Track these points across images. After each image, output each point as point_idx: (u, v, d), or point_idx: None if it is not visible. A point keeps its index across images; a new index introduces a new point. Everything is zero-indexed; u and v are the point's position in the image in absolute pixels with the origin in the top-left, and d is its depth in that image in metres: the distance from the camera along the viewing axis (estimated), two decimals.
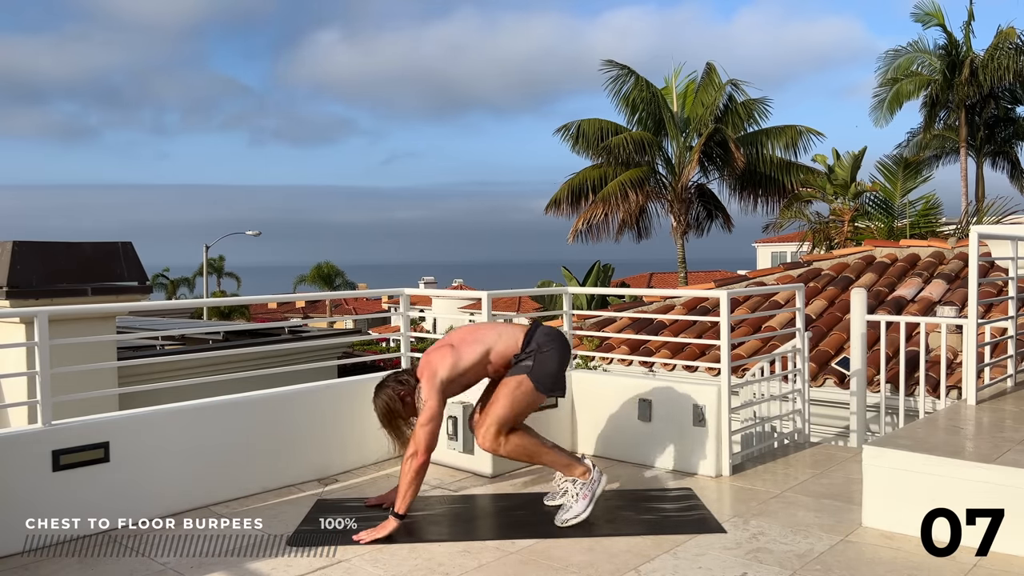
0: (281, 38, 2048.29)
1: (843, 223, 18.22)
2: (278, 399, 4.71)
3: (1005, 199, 15.77)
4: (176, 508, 4.18)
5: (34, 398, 3.89)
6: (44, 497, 3.78)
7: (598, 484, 4.00)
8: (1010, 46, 22.19)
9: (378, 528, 3.78)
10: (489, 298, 5.16)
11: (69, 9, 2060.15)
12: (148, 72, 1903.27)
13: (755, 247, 43.40)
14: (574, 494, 3.97)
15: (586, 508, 3.93)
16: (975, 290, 4.97)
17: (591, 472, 4.01)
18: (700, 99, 22.05)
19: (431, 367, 3.94)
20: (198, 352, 7.74)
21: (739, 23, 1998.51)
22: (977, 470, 3.64)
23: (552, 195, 22.93)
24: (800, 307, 5.46)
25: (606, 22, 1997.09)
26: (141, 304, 6.70)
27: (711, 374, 8.01)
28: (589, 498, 3.95)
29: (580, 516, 3.91)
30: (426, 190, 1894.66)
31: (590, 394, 5.32)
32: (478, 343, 4.01)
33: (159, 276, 55.59)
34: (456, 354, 3.97)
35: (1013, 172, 26.10)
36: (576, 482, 3.98)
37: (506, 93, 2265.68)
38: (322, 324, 23.92)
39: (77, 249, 7.14)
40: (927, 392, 6.47)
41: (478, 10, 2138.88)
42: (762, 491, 4.47)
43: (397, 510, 3.80)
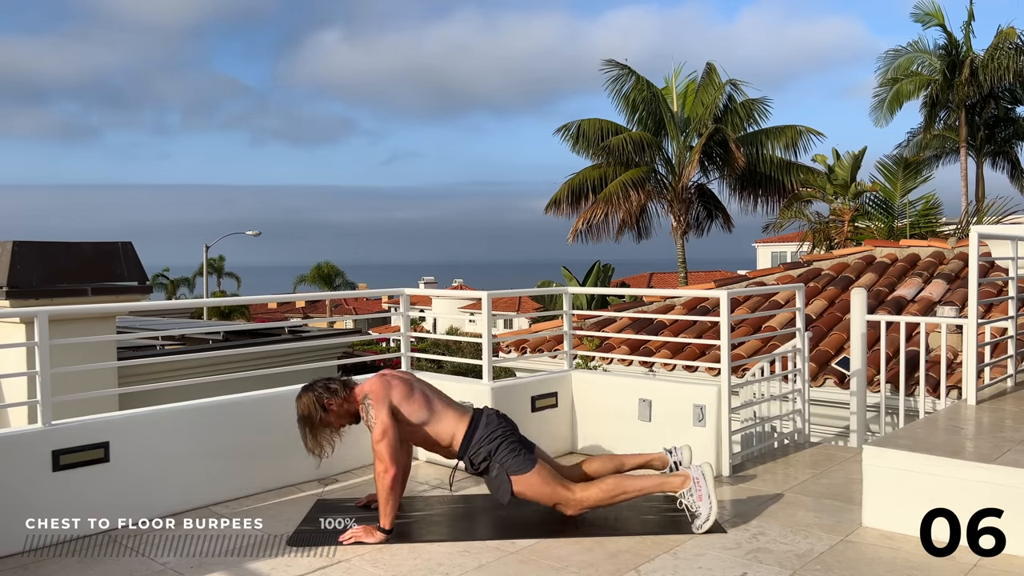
0: (282, 38, 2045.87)
1: (843, 223, 18.22)
2: (278, 399, 4.71)
3: (1005, 199, 15.79)
4: (176, 508, 4.18)
5: (34, 398, 3.90)
6: (44, 497, 3.78)
7: (704, 481, 3.87)
8: (1010, 46, 22.19)
9: (365, 534, 3.76)
10: (489, 298, 5.16)
11: (70, 9, 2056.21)
12: (149, 72, 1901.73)
13: (755, 247, 43.41)
14: (691, 503, 3.88)
15: (710, 507, 3.82)
16: (975, 290, 4.97)
17: (689, 479, 3.90)
18: (700, 99, 22.05)
19: (378, 389, 3.93)
20: (198, 352, 7.74)
21: (741, 23, 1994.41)
22: (977, 470, 3.64)
23: (552, 195, 22.94)
24: (800, 307, 5.46)
25: (608, 22, 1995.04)
26: (141, 304, 6.70)
27: (711, 374, 8.01)
28: (705, 497, 3.84)
29: (711, 516, 3.81)
30: (426, 190, 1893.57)
31: (590, 394, 5.32)
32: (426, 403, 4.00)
33: (159, 276, 55.59)
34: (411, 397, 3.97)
35: (1013, 172, 26.10)
36: (684, 494, 3.91)
37: (507, 93, 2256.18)
38: (322, 324, 23.92)
39: (77, 249, 7.14)
40: (927, 392, 6.47)
41: (479, 10, 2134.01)
42: (762, 491, 4.47)
43: (382, 526, 3.78)
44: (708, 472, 3.92)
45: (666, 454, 4.19)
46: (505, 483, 3.89)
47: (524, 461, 3.92)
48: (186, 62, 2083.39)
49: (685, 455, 4.16)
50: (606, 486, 3.93)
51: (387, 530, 3.77)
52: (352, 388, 4.02)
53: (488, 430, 3.97)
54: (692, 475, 3.93)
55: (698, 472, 3.93)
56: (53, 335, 3.94)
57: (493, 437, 3.95)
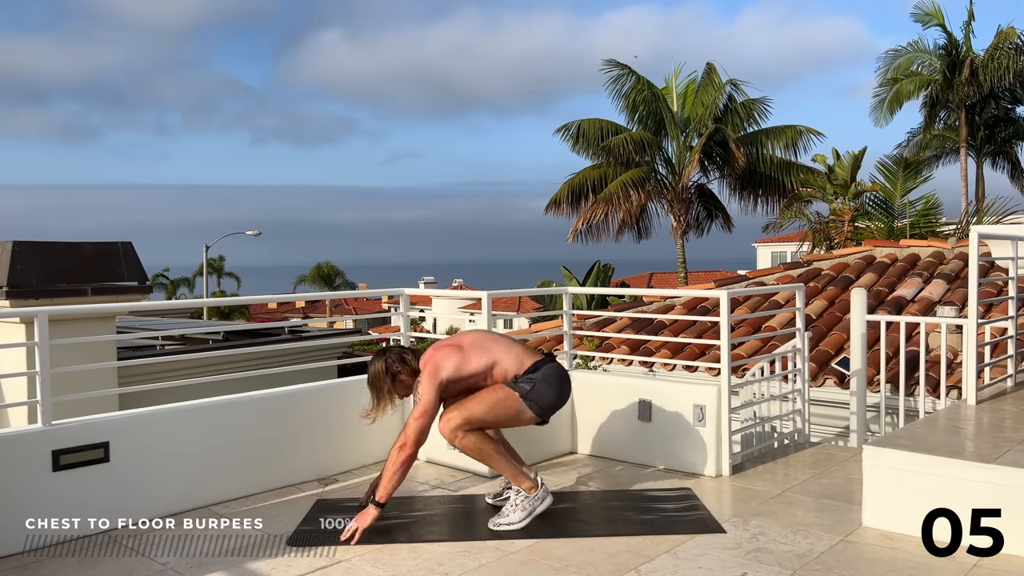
0: (284, 38, 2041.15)
1: (843, 223, 18.22)
2: (278, 399, 4.71)
3: (1005, 199, 15.79)
4: (176, 508, 4.18)
5: (34, 398, 3.90)
6: (44, 497, 3.78)
7: (540, 503, 3.99)
8: (1010, 46, 22.19)
9: (358, 518, 3.79)
10: (489, 298, 5.16)
11: (71, 8, 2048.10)
12: (150, 72, 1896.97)
13: (755, 247, 43.41)
14: (515, 503, 3.98)
15: (522, 520, 3.93)
16: (975, 290, 4.97)
17: (537, 489, 4.01)
18: (700, 99, 22.06)
19: (435, 363, 3.95)
20: (198, 352, 7.74)
21: (742, 23, 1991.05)
22: (977, 470, 3.64)
23: (552, 195, 22.94)
24: (800, 307, 5.46)
25: (609, 22, 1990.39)
26: (141, 304, 6.69)
27: (711, 374, 8.01)
28: (528, 512, 3.95)
29: (513, 526, 3.91)
30: (426, 190, 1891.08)
31: (590, 394, 5.32)
32: (486, 353, 4.00)
33: (159, 276, 55.60)
34: (462, 357, 3.97)
35: (1013, 172, 26.10)
36: (520, 493, 3.99)
37: (508, 93, 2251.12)
38: (322, 324, 23.92)
39: (77, 249, 7.14)
40: (927, 392, 6.47)
41: (481, 10, 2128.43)
42: (762, 491, 4.47)
43: (378, 498, 3.81)
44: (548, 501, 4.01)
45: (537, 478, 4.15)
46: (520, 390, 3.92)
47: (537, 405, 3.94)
48: (187, 62, 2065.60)
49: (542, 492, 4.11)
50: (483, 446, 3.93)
51: (382, 504, 3.80)
52: (419, 357, 4.04)
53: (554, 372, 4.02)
54: (539, 491, 4.00)
55: (544, 493, 4.02)
56: (53, 335, 3.94)
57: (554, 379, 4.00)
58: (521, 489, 3.99)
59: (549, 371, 4.01)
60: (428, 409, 3.85)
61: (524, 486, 4.00)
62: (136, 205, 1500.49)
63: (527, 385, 3.94)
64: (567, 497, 4.40)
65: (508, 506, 4.00)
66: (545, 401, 3.96)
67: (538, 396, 3.94)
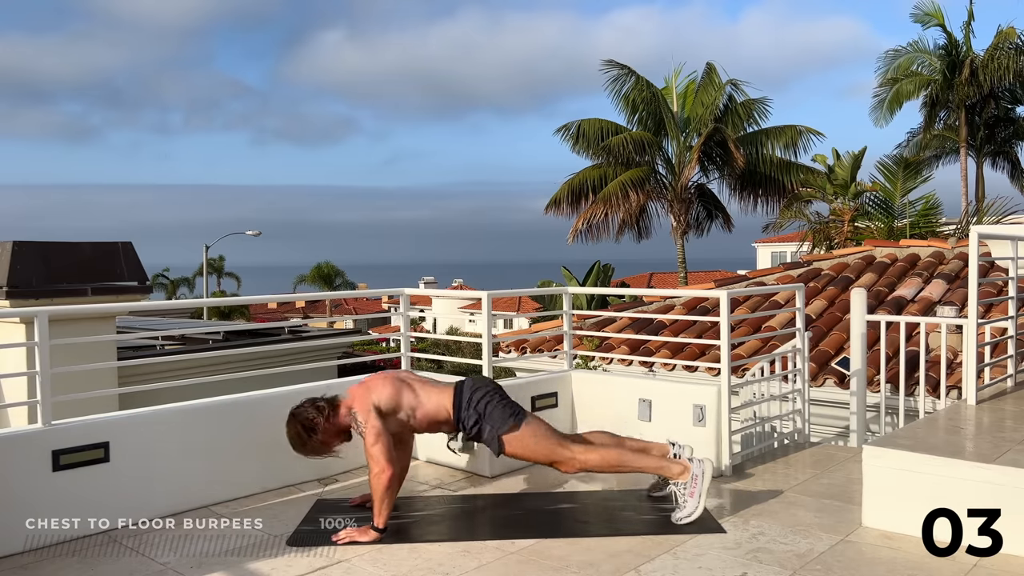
0: (286, 38, 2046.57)
1: (843, 223, 18.23)
2: (278, 399, 4.70)
3: (1005, 199, 15.78)
4: (176, 508, 4.18)
5: (34, 398, 3.89)
6: (44, 497, 3.78)
7: (702, 479, 3.89)
8: (1010, 46, 22.20)
9: (359, 533, 3.77)
10: (489, 298, 5.16)
11: (74, 8, 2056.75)
12: (152, 72, 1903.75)
13: (755, 247, 43.42)
14: (682, 493, 3.91)
15: (698, 504, 3.85)
16: (975, 290, 4.97)
17: (690, 470, 3.92)
18: (700, 99, 22.07)
19: (362, 395, 3.94)
20: (198, 352, 7.74)
21: (746, 23, 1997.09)
22: (977, 470, 3.64)
23: (552, 195, 22.94)
24: (800, 307, 5.46)
25: (612, 21, 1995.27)
26: (141, 304, 6.70)
27: (711, 374, 8.01)
28: (697, 492, 3.87)
29: (693, 514, 3.84)
30: (427, 190, 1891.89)
31: (590, 394, 5.32)
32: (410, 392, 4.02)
33: (159, 276, 55.60)
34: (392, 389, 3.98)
35: (1013, 172, 26.10)
36: (678, 484, 3.93)
37: (510, 93, 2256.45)
38: (322, 324, 23.91)
39: (77, 249, 7.14)
40: (927, 392, 6.47)
41: (483, 10, 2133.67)
42: (762, 491, 4.47)
43: (376, 524, 3.78)
44: (708, 471, 3.93)
45: (668, 445, 4.18)
46: (494, 443, 3.92)
47: (513, 416, 3.94)
48: (189, 62, 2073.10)
49: (686, 452, 4.16)
50: (609, 454, 3.94)
51: (381, 529, 3.77)
52: (337, 405, 4.01)
53: (470, 392, 4.01)
54: (692, 470, 3.94)
55: (699, 468, 3.93)
56: (53, 335, 3.94)
57: (478, 399, 3.98)
58: (675, 479, 3.94)
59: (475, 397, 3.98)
60: (378, 432, 3.82)
61: (673, 473, 3.94)
62: (136, 205, 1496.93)
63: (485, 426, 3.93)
64: (567, 497, 4.40)
65: (679, 498, 3.92)
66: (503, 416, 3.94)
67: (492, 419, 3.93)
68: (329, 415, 3.97)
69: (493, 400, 4.00)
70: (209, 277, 39.83)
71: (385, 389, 3.98)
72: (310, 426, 3.95)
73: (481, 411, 3.96)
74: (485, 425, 3.94)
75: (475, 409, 3.97)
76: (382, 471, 3.77)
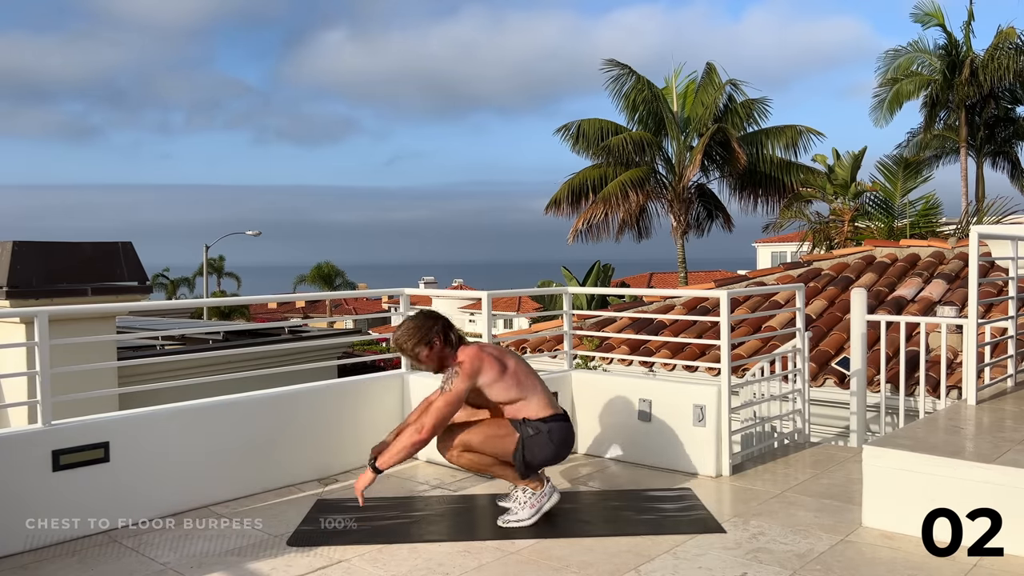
0: (288, 38, 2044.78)
1: (843, 223, 18.22)
2: (278, 399, 4.71)
3: (1005, 199, 15.78)
4: (176, 508, 4.18)
5: (34, 398, 3.90)
6: (44, 497, 3.78)
7: (547, 499, 4.01)
8: (1010, 46, 22.19)
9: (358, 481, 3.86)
10: (489, 298, 5.16)
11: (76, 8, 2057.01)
12: (154, 72, 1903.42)
13: (755, 247, 43.40)
14: (522, 501, 3.99)
15: (531, 517, 3.96)
16: (975, 290, 4.97)
17: (543, 486, 4.02)
18: (700, 99, 22.06)
19: (477, 363, 3.89)
20: (198, 352, 7.74)
21: (749, 22, 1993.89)
22: (977, 470, 3.64)
23: (552, 195, 22.93)
24: (800, 307, 5.46)
25: (614, 21, 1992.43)
26: (141, 304, 6.70)
27: (711, 374, 8.01)
28: (536, 508, 3.97)
29: (523, 523, 3.93)
30: (427, 190, 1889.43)
31: (590, 394, 5.32)
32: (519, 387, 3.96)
33: (159, 276, 55.60)
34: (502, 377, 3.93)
35: (1013, 172, 26.10)
36: (527, 491, 4.00)
37: (511, 93, 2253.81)
38: (322, 324, 23.91)
39: (77, 249, 7.14)
40: (927, 392, 6.47)
41: (485, 9, 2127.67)
42: (762, 491, 4.47)
43: (379, 464, 3.81)
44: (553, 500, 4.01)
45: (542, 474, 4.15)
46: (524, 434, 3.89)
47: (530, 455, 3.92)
48: (191, 62, 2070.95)
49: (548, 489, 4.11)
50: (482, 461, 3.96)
51: (380, 470, 3.82)
52: (458, 348, 3.98)
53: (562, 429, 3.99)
54: (546, 487, 4.01)
55: (550, 490, 4.03)
56: (53, 335, 3.94)
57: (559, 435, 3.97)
58: (528, 487, 4.00)
59: (556, 429, 3.97)
60: (454, 401, 3.83)
61: (531, 485, 4.00)
62: (137, 205, 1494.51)
63: (531, 430, 3.91)
64: (567, 497, 4.39)
65: (516, 504, 4.00)
66: (534, 456, 3.93)
67: (533, 447, 3.91)
68: (445, 348, 3.94)
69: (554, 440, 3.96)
70: (209, 277, 39.83)
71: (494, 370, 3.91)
72: (427, 340, 3.91)
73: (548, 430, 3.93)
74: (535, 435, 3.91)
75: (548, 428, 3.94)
76: (422, 431, 3.78)
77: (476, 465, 4.00)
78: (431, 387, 5.23)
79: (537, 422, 3.93)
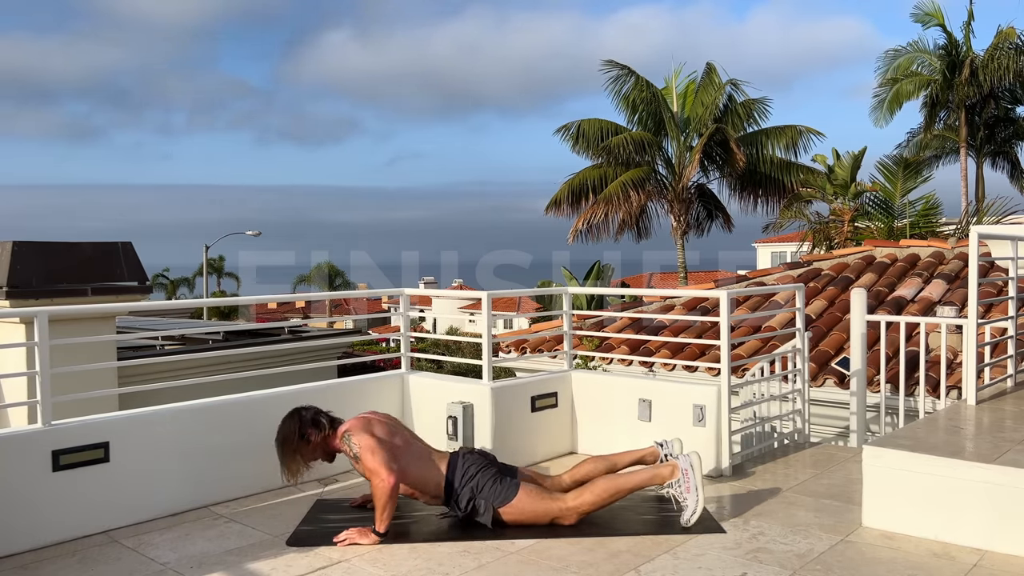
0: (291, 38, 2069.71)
1: (843, 223, 18.22)
2: (278, 399, 4.71)
3: (1005, 199, 15.78)
4: (176, 508, 4.18)
5: (34, 398, 3.90)
6: (44, 497, 3.78)
7: (691, 472, 3.89)
8: (1010, 46, 22.19)
9: (359, 535, 3.75)
10: (489, 298, 5.16)
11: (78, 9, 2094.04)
12: (157, 73, 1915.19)
13: (755, 247, 43.39)
14: (680, 493, 3.91)
15: (697, 497, 3.85)
16: (975, 290, 4.97)
17: (677, 469, 3.92)
18: (700, 99, 22.05)
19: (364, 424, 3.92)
20: (198, 352, 7.74)
21: (753, 22, 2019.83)
22: (977, 470, 3.64)
23: (552, 195, 22.93)
24: (800, 307, 5.46)
25: (619, 20, 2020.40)
26: (141, 304, 6.69)
27: (711, 374, 8.01)
28: (692, 486, 3.87)
29: (698, 508, 3.84)
30: (428, 190, 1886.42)
31: (590, 394, 5.32)
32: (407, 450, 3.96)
33: (159, 276, 55.55)
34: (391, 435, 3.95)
35: (1013, 172, 26.09)
36: (672, 484, 3.94)
37: (514, 93, 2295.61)
38: (322, 324, 23.89)
39: (77, 249, 7.14)
40: (927, 392, 6.47)
41: (490, 9, 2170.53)
42: (762, 491, 4.47)
43: (378, 529, 3.77)
44: (696, 463, 3.92)
45: (657, 447, 4.19)
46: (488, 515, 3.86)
47: (507, 488, 3.90)
48: (194, 62, 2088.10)
49: (676, 447, 4.15)
50: (598, 489, 3.93)
51: (382, 534, 3.77)
52: (336, 426, 4.01)
53: (463, 468, 3.95)
54: (680, 465, 3.94)
55: (686, 463, 3.93)
56: (53, 335, 3.94)
57: (471, 475, 3.93)
58: (667, 481, 3.94)
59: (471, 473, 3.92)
60: (373, 446, 3.81)
61: (664, 476, 3.95)
62: (137, 205, 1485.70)
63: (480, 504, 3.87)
64: None
65: (679, 498, 3.91)
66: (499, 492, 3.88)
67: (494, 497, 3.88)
68: (327, 432, 3.98)
69: (484, 472, 3.94)
70: (209, 277, 39.83)
71: (383, 429, 3.96)
72: (303, 433, 3.96)
73: (474, 487, 3.90)
74: (479, 501, 3.88)
75: (468, 485, 3.90)
76: (384, 479, 3.76)
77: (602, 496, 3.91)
78: (432, 386, 5.25)
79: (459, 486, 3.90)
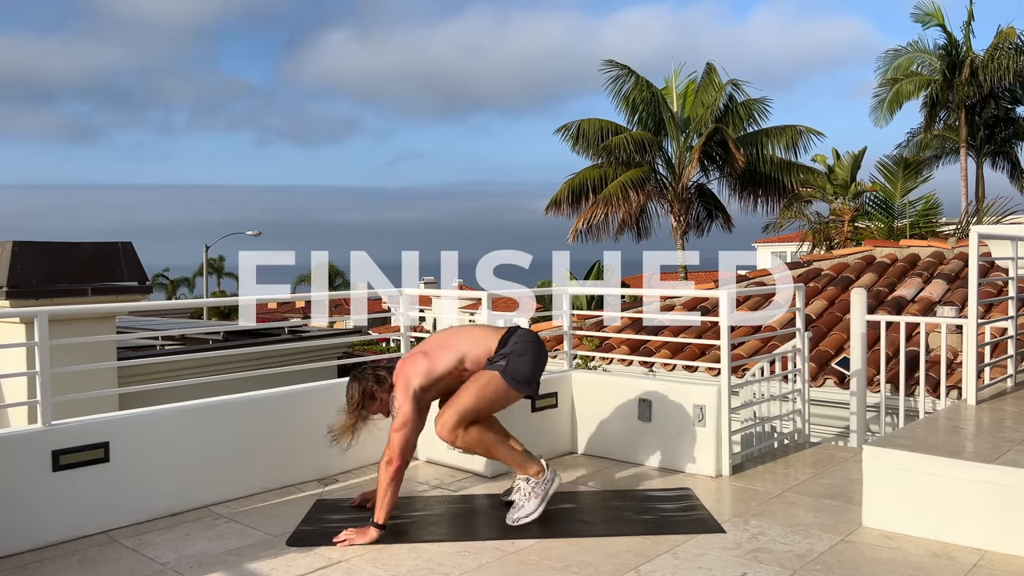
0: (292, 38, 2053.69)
1: (843, 223, 18.22)
2: (278, 399, 4.71)
3: (1005, 199, 15.78)
4: (176, 508, 4.18)
5: (34, 398, 3.89)
6: (44, 497, 3.78)
7: (551, 484, 4.00)
8: (1010, 46, 22.19)
9: (359, 534, 3.75)
10: (489, 298, 5.16)
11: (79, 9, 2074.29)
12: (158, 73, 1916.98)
13: (755, 247, 43.40)
14: (527, 492, 3.97)
15: (537, 507, 3.93)
16: (975, 290, 4.97)
17: (545, 472, 4.00)
18: (700, 99, 22.06)
19: (405, 375, 3.91)
20: (198, 352, 7.74)
21: (754, 22, 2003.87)
22: (977, 470, 3.64)
23: (552, 195, 22.93)
24: (800, 307, 5.46)
25: (620, 20, 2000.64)
26: (141, 304, 6.70)
27: (711, 374, 8.01)
28: (541, 497, 3.95)
29: (531, 515, 3.92)
30: (429, 190, 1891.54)
31: (590, 394, 5.32)
32: (451, 350, 3.96)
33: (159, 276, 55.57)
34: (430, 361, 3.93)
35: (1013, 172, 26.09)
36: (530, 480, 3.98)
37: (514, 93, 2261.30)
38: (322, 324, 23.89)
39: (77, 249, 7.14)
40: (927, 392, 6.47)
41: (491, 8, 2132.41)
42: (762, 491, 4.47)
43: (376, 520, 3.77)
44: (557, 484, 4.02)
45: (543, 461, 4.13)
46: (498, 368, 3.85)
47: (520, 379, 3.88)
48: (194, 62, 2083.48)
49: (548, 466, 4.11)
50: (484, 439, 3.91)
51: (381, 525, 3.76)
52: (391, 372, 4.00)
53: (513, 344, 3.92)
54: (547, 473, 4.00)
55: (552, 474, 4.02)
56: (53, 335, 3.94)
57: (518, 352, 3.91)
58: (530, 476, 3.97)
59: (518, 341, 3.94)
60: (407, 420, 3.81)
61: (532, 472, 3.98)
62: (137, 205, 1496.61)
63: (502, 362, 3.89)
64: (567, 497, 4.39)
65: (520, 497, 3.97)
66: (521, 374, 3.89)
67: (514, 370, 3.88)
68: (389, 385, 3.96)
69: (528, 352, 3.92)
70: (209, 277, 39.82)
71: (421, 365, 3.92)
72: (371, 393, 3.94)
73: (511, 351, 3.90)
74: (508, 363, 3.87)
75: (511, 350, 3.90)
76: (390, 461, 3.76)
77: (480, 444, 3.90)
78: None
79: (497, 354, 3.91)
